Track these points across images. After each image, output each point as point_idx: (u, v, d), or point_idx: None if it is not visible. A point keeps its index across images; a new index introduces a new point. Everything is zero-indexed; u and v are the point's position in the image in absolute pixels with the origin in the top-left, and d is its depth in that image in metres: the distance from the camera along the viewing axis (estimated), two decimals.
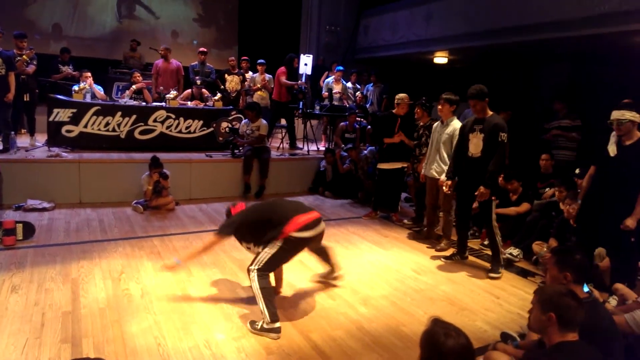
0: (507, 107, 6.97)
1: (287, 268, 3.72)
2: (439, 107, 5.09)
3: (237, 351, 2.88)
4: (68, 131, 6.65)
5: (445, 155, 5.02)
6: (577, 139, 6.54)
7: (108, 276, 3.85)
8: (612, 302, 3.59)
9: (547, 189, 5.75)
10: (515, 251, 4.96)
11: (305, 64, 8.68)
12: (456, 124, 4.98)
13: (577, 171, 5.34)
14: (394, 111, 5.92)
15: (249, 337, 3.04)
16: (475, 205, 4.65)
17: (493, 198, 4.42)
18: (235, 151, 7.12)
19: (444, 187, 4.67)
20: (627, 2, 5.94)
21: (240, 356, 2.83)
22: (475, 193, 4.28)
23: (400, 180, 6.07)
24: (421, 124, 5.68)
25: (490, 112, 4.35)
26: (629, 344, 2.60)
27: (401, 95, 5.89)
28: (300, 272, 4.17)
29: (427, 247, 5.16)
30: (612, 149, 3.70)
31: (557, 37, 7.02)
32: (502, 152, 4.26)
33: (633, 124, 3.54)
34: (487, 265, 4.64)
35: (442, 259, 4.76)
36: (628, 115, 3.50)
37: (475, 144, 4.35)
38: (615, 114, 3.57)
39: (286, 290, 3.77)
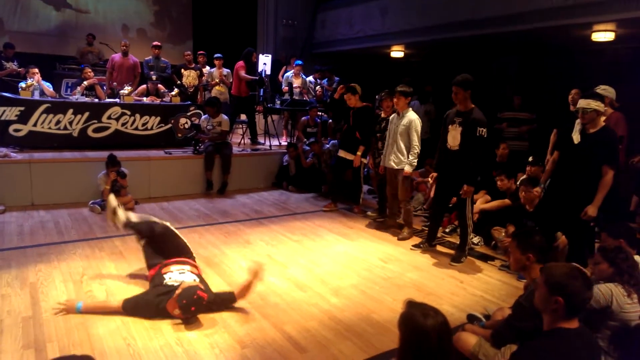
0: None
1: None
2: (395, 99, 5.19)
3: (210, 347, 2.85)
4: (16, 130, 6.31)
5: (403, 146, 5.10)
6: (532, 129, 6.91)
7: (69, 279, 3.70)
8: None
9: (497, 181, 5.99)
10: (475, 239, 5.15)
11: (265, 64, 8.63)
12: (411, 115, 5.11)
13: (530, 159, 5.60)
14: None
15: (222, 333, 3.01)
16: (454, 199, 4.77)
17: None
18: (197, 147, 6.98)
19: (429, 179, 4.76)
20: None
21: (214, 352, 2.80)
22: (460, 192, 4.36)
23: (357, 172, 6.06)
24: (383, 116, 5.78)
25: (472, 105, 4.36)
26: (584, 318, 2.76)
27: (352, 84, 5.95)
28: (269, 266, 4.15)
29: (391, 236, 5.27)
30: (576, 137, 3.83)
31: (507, 31, 7.31)
32: (483, 148, 4.28)
33: (597, 113, 3.64)
34: (450, 251, 4.79)
35: (411, 248, 4.88)
36: (593, 104, 3.60)
37: (454, 137, 4.38)
38: (582, 103, 3.67)
39: (257, 285, 3.74)
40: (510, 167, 5.52)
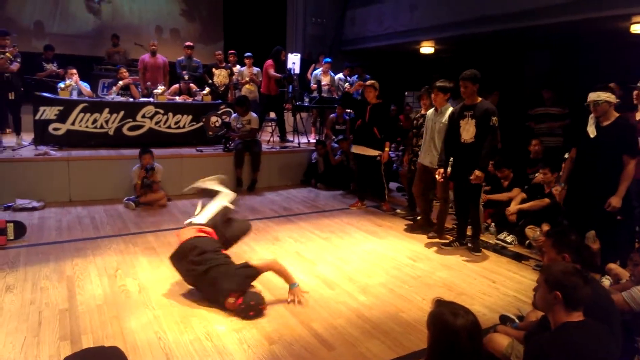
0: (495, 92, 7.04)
1: (286, 260, 3.71)
2: (433, 95, 5.09)
3: (239, 342, 2.88)
4: (55, 129, 6.54)
5: (440, 144, 5.02)
6: (566, 125, 6.63)
7: (104, 273, 3.81)
8: (606, 282, 3.65)
9: (536, 174, 5.81)
10: (509, 238, 5.02)
11: (294, 63, 8.65)
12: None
13: (565, 156, 5.41)
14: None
15: (250, 328, 3.03)
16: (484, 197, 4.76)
17: (483, 183, 4.52)
18: (228, 145, 7.07)
19: (436, 175, 4.70)
20: None
21: (242, 347, 2.83)
22: (470, 177, 4.32)
23: (377, 168, 5.98)
24: (423, 112, 5.65)
25: (480, 98, 4.42)
26: (626, 321, 2.65)
27: (370, 81, 5.96)
28: (298, 263, 4.17)
29: (421, 234, 5.19)
30: (591, 130, 3.75)
31: (538, 25, 7.09)
32: (494, 136, 4.34)
33: (609, 105, 3.60)
34: (485, 251, 4.69)
35: (441, 246, 4.80)
36: (604, 96, 3.56)
37: (468, 130, 4.40)
38: (592, 96, 3.63)
39: (285, 282, 3.76)
40: (553, 161, 5.35)
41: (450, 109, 5.01)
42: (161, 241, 4.66)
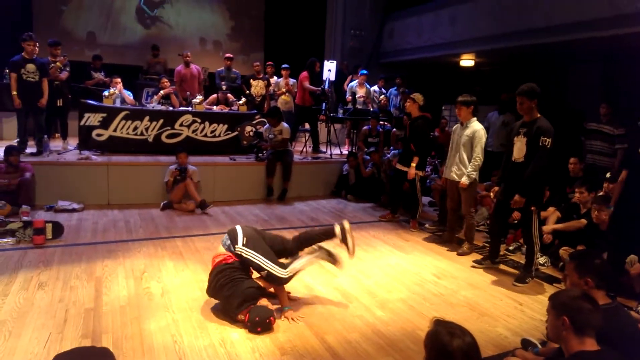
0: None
1: (306, 271, 3.70)
2: (456, 110, 5.02)
3: (252, 351, 2.90)
4: (98, 135, 6.86)
5: (465, 158, 4.92)
6: (621, 148, 5.93)
7: (131, 275, 3.94)
8: None
9: (575, 194, 5.56)
10: (542, 259, 4.81)
11: (329, 70, 8.72)
12: (476, 126, 4.90)
13: (607, 175, 5.16)
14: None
15: (264, 337, 3.05)
16: (518, 215, 4.53)
17: (533, 208, 4.20)
18: (260, 155, 7.19)
19: (491, 194, 4.58)
20: None
21: (254, 356, 2.84)
22: (510, 201, 4.17)
23: (414, 185, 5.81)
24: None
25: (538, 115, 4.14)
26: None
27: (413, 94, 5.84)
28: (318, 274, 4.17)
29: (448, 251, 5.07)
30: None
31: (586, 37, 6.83)
32: (544, 158, 4.03)
33: None
34: (512, 270, 4.53)
35: (471, 265, 4.66)
36: None
37: (519, 148, 4.19)
38: None
39: (303, 292, 3.77)
40: (593, 180, 5.09)
41: (475, 123, 4.93)
42: (189, 246, 4.78)
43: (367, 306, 3.61)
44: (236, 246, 3.31)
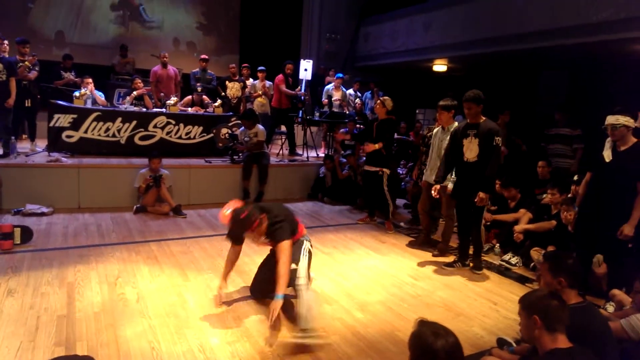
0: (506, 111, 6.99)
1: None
2: (437, 115, 5.11)
3: (231, 355, 2.87)
4: (68, 136, 6.68)
5: None
6: (578, 147, 6.41)
7: (104, 280, 3.85)
8: (610, 308, 3.57)
9: (544, 195, 5.74)
10: (513, 259, 4.94)
11: (305, 69, 8.72)
12: None
13: (575, 178, 5.34)
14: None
15: (244, 342, 3.03)
16: (489, 217, 4.73)
17: (488, 203, 4.51)
18: (235, 157, 7.14)
19: (432, 192, 4.67)
20: (625, 10, 5.98)
21: None
22: (475, 200, 4.29)
23: (381, 186, 5.89)
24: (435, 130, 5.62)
25: (484, 118, 4.40)
26: (625, 349, 2.58)
27: (382, 97, 5.99)
28: None
29: (424, 253, 5.14)
30: (607, 155, 3.70)
31: (555, 45, 7.06)
32: (498, 156, 4.31)
33: (627, 129, 3.54)
34: (487, 272, 4.64)
35: (442, 266, 4.74)
36: (622, 120, 3.51)
37: (471, 149, 4.38)
38: (610, 119, 3.58)
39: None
40: (563, 182, 5.27)
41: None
42: (164, 250, 4.69)
43: (346, 308, 3.63)
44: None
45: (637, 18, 5.89)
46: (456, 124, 5.06)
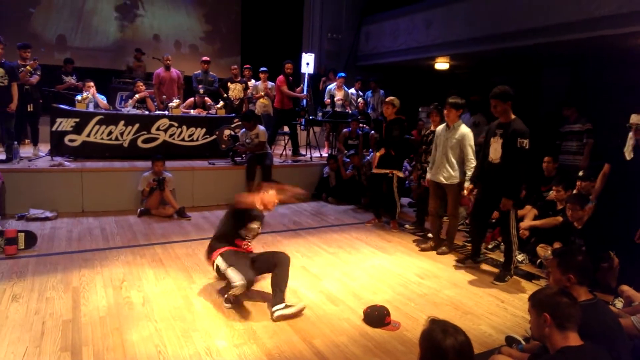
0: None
1: (291, 275, 3.67)
2: (445, 112, 4.99)
3: (239, 358, 2.85)
4: (71, 140, 6.67)
5: (454, 161, 4.87)
6: (587, 142, 6.24)
7: (109, 284, 3.83)
8: (618, 304, 3.54)
9: (550, 192, 5.70)
10: (520, 256, 4.90)
11: (307, 63, 8.66)
12: (464, 129, 4.86)
13: (580, 173, 5.29)
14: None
15: (251, 344, 3.01)
16: (497, 214, 4.61)
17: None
18: (236, 158, 7.13)
19: (464, 192, 4.63)
20: (627, 4, 5.93)
21: None
22: (500, 205, 4.21)
23: (390, 186, 5.85)
24: (432, 129, 5.55)
25: (514, 116, 4.19)
26: (636, 346, 2.55)
27: (389, 98, 5.91)
28: (303, 278, 4.15)
29: (430, 252, 5.10)
30: (628, 152, 3.64)
31: (557, 41, 7.01)
32: (524, 160, 4.07)
33: None
34: (492, 269, 4.60)
35: (454, 264, 4.70)
36: None
37: (495, 149, 4.23)
38: (635, 118, 3.50)
39: (289, 297, 3.73)
40: (568, 179, 5.22)
41: (463, 125, 4.95)
42: (169, 253, 4.68)
43: (353, 309, 3.60)
44: None
45: (638, 12, 5.84)
46: (462, 122, 5.01)
